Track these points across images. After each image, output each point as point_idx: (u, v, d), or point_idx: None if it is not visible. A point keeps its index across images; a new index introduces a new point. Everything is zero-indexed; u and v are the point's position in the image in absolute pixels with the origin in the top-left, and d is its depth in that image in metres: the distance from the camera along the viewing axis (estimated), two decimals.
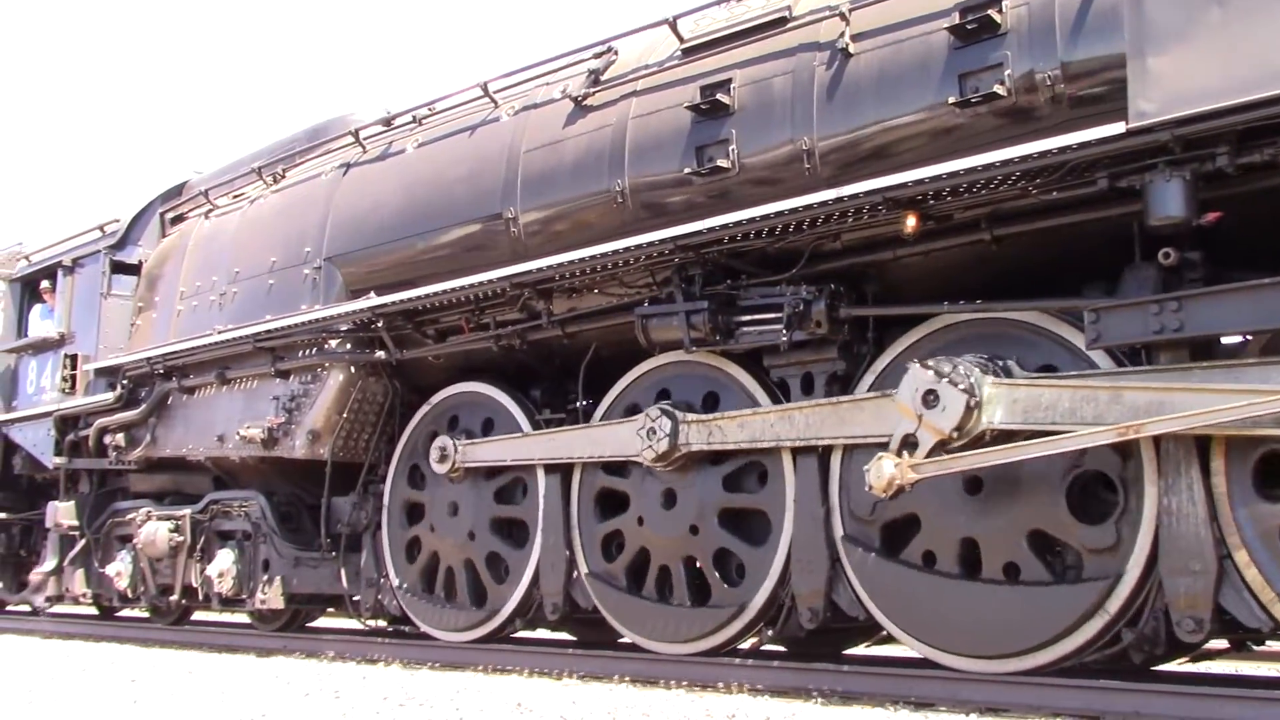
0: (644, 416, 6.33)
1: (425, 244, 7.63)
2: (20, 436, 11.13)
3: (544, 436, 7.06)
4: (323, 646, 8.48)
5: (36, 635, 11.09)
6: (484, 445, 7.37)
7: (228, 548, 8.89)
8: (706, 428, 6.14)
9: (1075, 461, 5.00)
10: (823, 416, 5.69)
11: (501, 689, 6.15)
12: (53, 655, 9.01)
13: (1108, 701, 4.78)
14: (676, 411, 6.22)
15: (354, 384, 8.11)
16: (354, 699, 5.92)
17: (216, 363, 8.97)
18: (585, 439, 6.79)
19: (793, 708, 5.25)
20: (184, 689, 6.57)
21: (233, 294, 9.13)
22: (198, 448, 9.16)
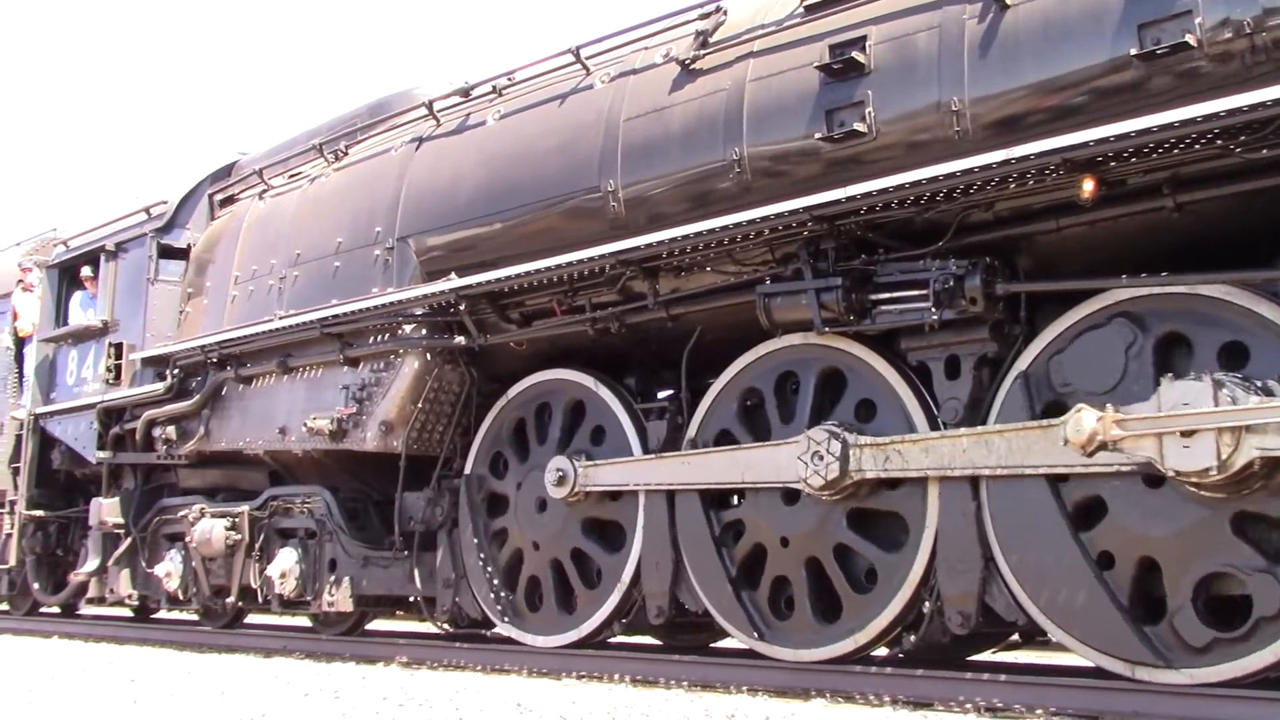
0: (806, 439, 5.76)
1: (511, 221, 7.22)
2: (59, 430, 10.73)
3: (680, 459, 6.48)
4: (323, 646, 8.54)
5: (36, 635, 11.13)
6: (610, 468, 6.83)
7: (289, 547, 8.48)
8: (883, 452, 5.60)
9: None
10: (1029, 442, 5.11)
11: (501, 689, 6.20)
12: (53, 655, 9.06)
13: (1108, 701, 4.82)
14: (846, 434, 5.68)
15: (430, 372, 7.70)
16: (354, 699, 5.95)
17: (278, 350, 8.56)
18: (732, 462, 6.21)
19: (792, 708, 5.28)
20: (184, 689, 6.60)
21: (294, 277, 8.72)
22: (256, 441, 8.76)
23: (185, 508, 9.36)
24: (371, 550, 8.09)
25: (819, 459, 5.70)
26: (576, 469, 6.90)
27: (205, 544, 8.87)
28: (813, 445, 5.72)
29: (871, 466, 5.63)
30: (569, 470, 6.93)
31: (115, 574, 10.01)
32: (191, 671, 7.50)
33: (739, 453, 6.22)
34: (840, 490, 5.71)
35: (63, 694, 6.56)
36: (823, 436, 5.71)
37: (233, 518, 8.86)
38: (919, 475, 5.49)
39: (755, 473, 6.11)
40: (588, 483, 6.88)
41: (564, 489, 6.94)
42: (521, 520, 7.29)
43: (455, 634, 7.93)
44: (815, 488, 5.74)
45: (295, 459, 8.78)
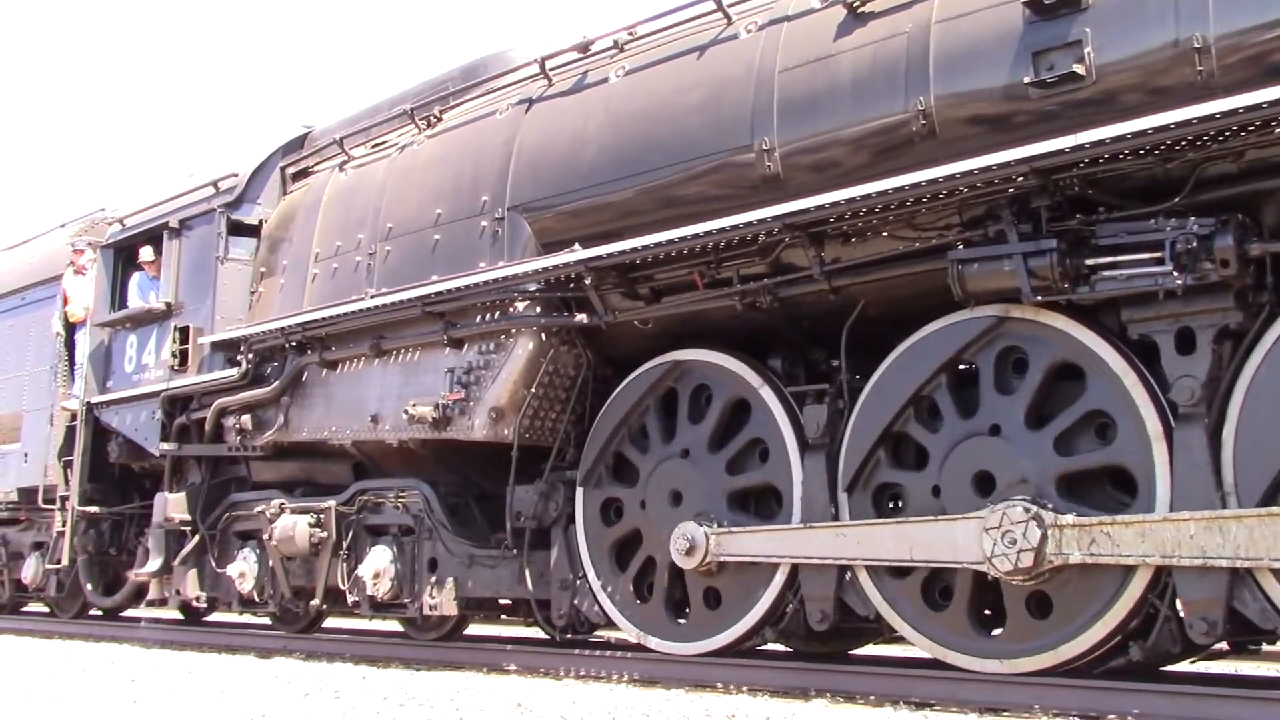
0: (994, 514, 5.19)
1: (644, 186, 6.66)
2: (117, 420, 10.20)
3: (834, 531, 5.87)
4: (323, 646, 8.67)
5: (36, 635, 11.17)
6: (748, 537, 6.23)
7: (382, 545, 7.93)
8: (1089, 534, 5.00)
9: None
10: None
11: (501, 689, 6.25)
12: (53, 655, 9.14)
13: (1108, 701, 4.82)
14: (1044, 512, 5.09)
15: (544, 353, 7.15)
16: (354, 699, 6.01)
17: (370, 331, 8.01)
18: (898, 537, 5.62)
19: (793, 708, 5.31)
20: (184, 689, 6.68)
21: (385, 253, 8.17)
22: (343, 430, 8.21)
23: (261, 503, 8.81)
24: (477, 549, 7.53)
25: (1010, 540, 5.13)
26: (710, 536, 6.30)
27: (287, 542, 8.33)
28: (1004, 524, 5.15)
29: (1077, 550, 5.04)
30: (698, 538, 6.33)
31: (181, 574, 9.47)
32: (191, 671, 7.56)
33: (907, 527, 5.61)
34: (1035, 576, 5.19)
35: (63, 694, 6.62)
36: (1020, 515, 5.12)
37: (317, 514, 8.31)
38: (1133, 563, 4.92)
39: (927, 550, 5.50)
40: (722, 551, 6.28)
41: (694, 558, 6.34)
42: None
43: (572, 640, 7.36)
44: (1002, 571, 5.20)
45: (384, 450, 8.25)
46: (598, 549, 7.03)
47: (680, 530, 6.40)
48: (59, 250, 11.84)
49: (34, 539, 11.96)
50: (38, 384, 11.54)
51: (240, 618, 10.09)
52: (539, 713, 5.36)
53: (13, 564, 12.11)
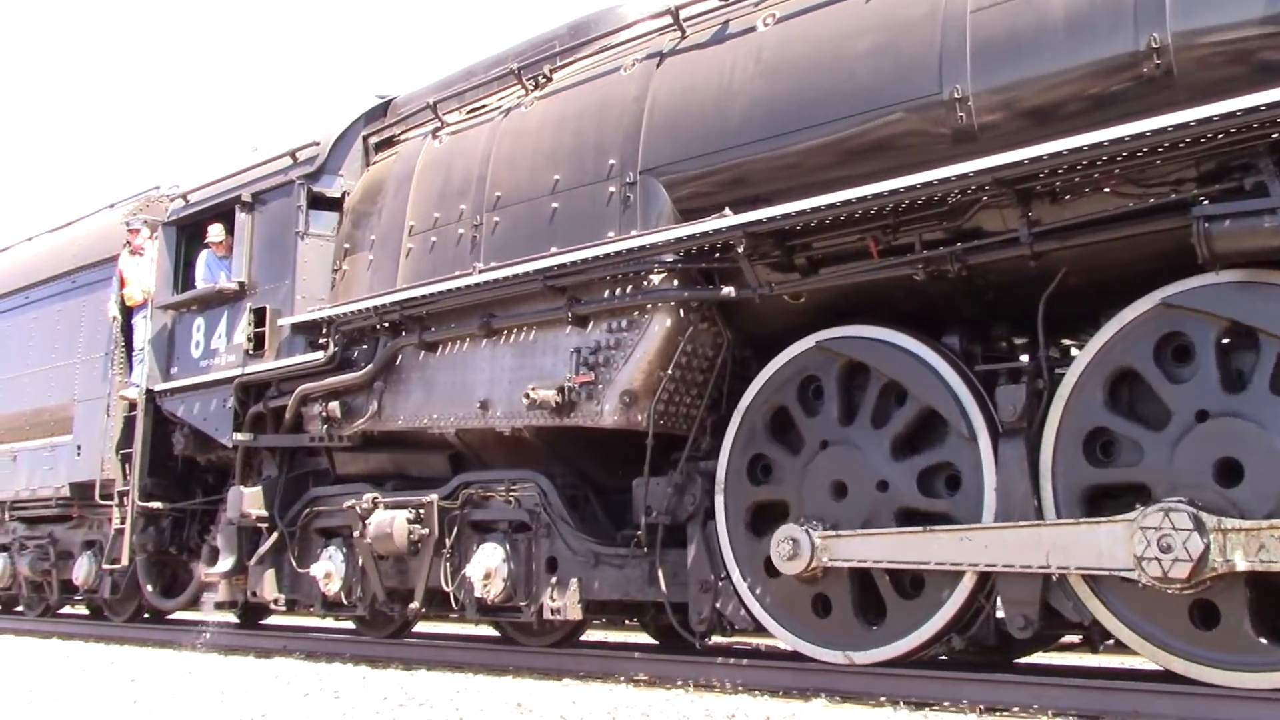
0: (1148, 513, 4.76)
1: (804, 143, 6.10)
2: (183, 409, 9.65)
3: (957, 535, 5.44)
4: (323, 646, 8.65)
5: (36, 635, 11.17)
6: (857, 540, 5.79)
7: (492, 543, 7.36)
8: (1256, 539, 4.56)
9: None
10: None
11: (501, 689, 6.30)
12: (53, 655, 9.18)
13: (1107, 701, 4.91)
14: (1205, 515, 4.64)
15: (683, 331, 6.58)
16: (354, 699, 6.07)
17: (478, 309, 7.45)
18: (1034, 541, 5.18)
19: (793, 708, 5.36)
20: (184, 689, 6.73)
21: (493, 224, 7.60)
22: (445, 417, 7.64)
23: (349, 497, 8.25)
24: (602, 547, 6.96)
25: (1165, 547, 4.69)
26: (814, 538, 5.87)
27: (383, 539, 7.76)
28: (1160, 527, 4.72)
29: (1243, 556, 4.59)
30: (802, 541, 5.89)
31: (257, 574, 8.92)
32: (191, 671, 7.63)
33: (1044, 530, 5.14)
34: (1194, 585, 4.72)
35: (63, 694, 6.68)
36: (1185, 522, 4.65)
37: (417, 509, 7.75)
38: None
39: (1066, 556, 5.08)
40: (833, 556, 5.82)
41: (797, 563, 5.92)
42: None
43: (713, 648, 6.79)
44: (1153, 576, 4.74)
45: (489, 440, 7.70)
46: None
47: (780, 533, 6.01)
48: (111, 230, 11.29)
49: (84, 537, 11.42)
50: (90, 372, 11.00)
51: (323, 621, 9.53)
52: (539, 713, 5.42)
53: (61, 564, 11.56)
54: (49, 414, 11.53)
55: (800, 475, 6.20)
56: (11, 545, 12.22)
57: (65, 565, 11.54)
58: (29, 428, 11.82)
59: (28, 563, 11.72)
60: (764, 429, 6.45)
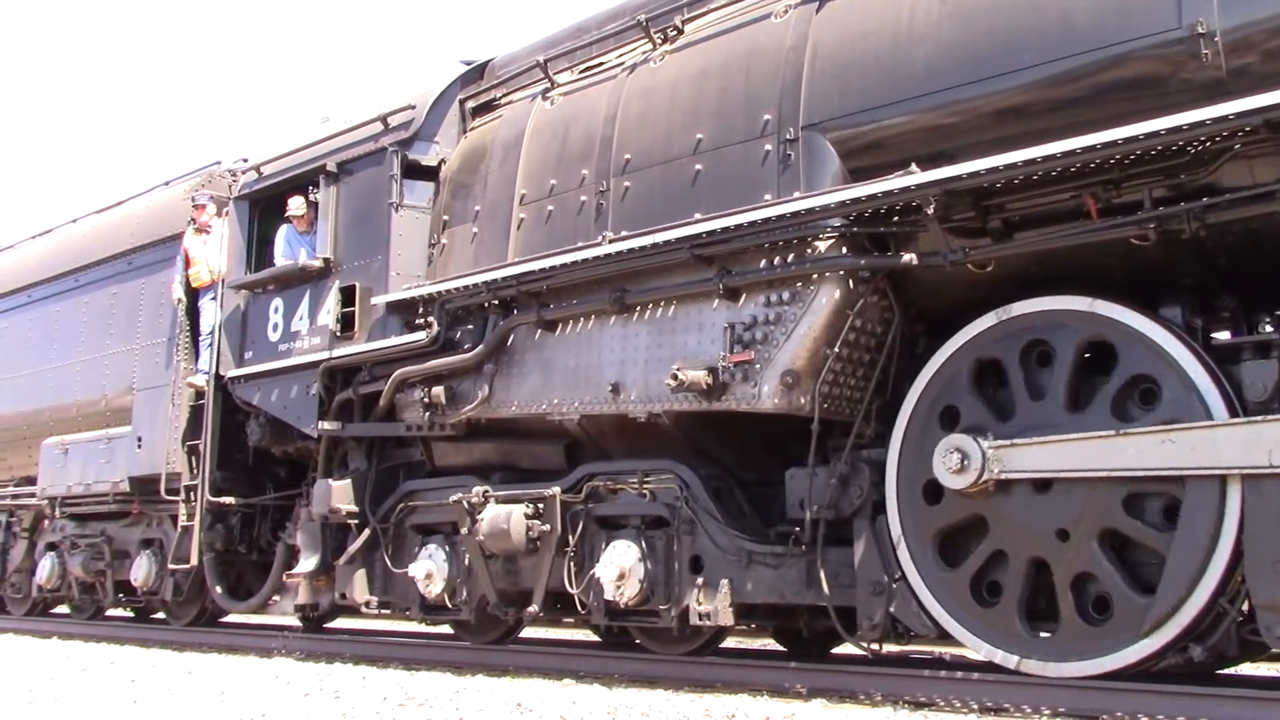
0: None
1: (1008, 91, 5.53)
2: (259, 397, 9.09)
3: (1156, 436, 4.96)
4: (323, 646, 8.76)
5: (36, 635, 11.27)
6: (1034, 450, 5.34)
7: (624, 540, 6.78)
8: None
9: None
10: None
11: (501, 689, 6.36)
12: (53, 655, 9.26)
13: (1107, 702, 4.99)
14: None
15: (851, 304, 6.01)
16: (354, 699, 6.16)
17: (607, 283, 6.89)
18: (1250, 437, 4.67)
19: (793, 708, 5.41)
20: (184, 689, 6.83)
21: (621, 190, 7.04)
22: (568, 402, 7.08)
23: (453, 490, 7.68)
24: (756, 544, 6.38)
25: None
26: (984, 449, 5.44)
27: (498, 537, 7.20)
28: None
29: None
30: (972, 451, 5.46)
31: (346, 575, 8.36)
32: (192, 671, 7.71)
33: None
34: None
35: (63, 694, 6.77)
36: None
37: (536, 503, 7.18)
38: None
39: None
40: (1006, 468, 5.40)
41: (965, 477, 5.51)
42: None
43: (884, 656, 6.21)
44: None
45: (613, 427, 7.13)
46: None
47: (946, 443, 5.57)
48: (172, 208, 10.75)
49: (142, 535, 10.88)
50: (152, 358, 10.45)
51: (422, 627, 8.98)
52: (539, 713, 5.51)
53: (117, 564, 11.00)
54: (104, 404, 11.00)
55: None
56: (61, 544, 11.67)
57: (121, 565, 10.99)
58: (81, 419, 11.29)
59: (80, 563, 11.16)
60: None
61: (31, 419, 12.09)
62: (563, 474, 7.44)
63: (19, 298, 12.87)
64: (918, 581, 5.84)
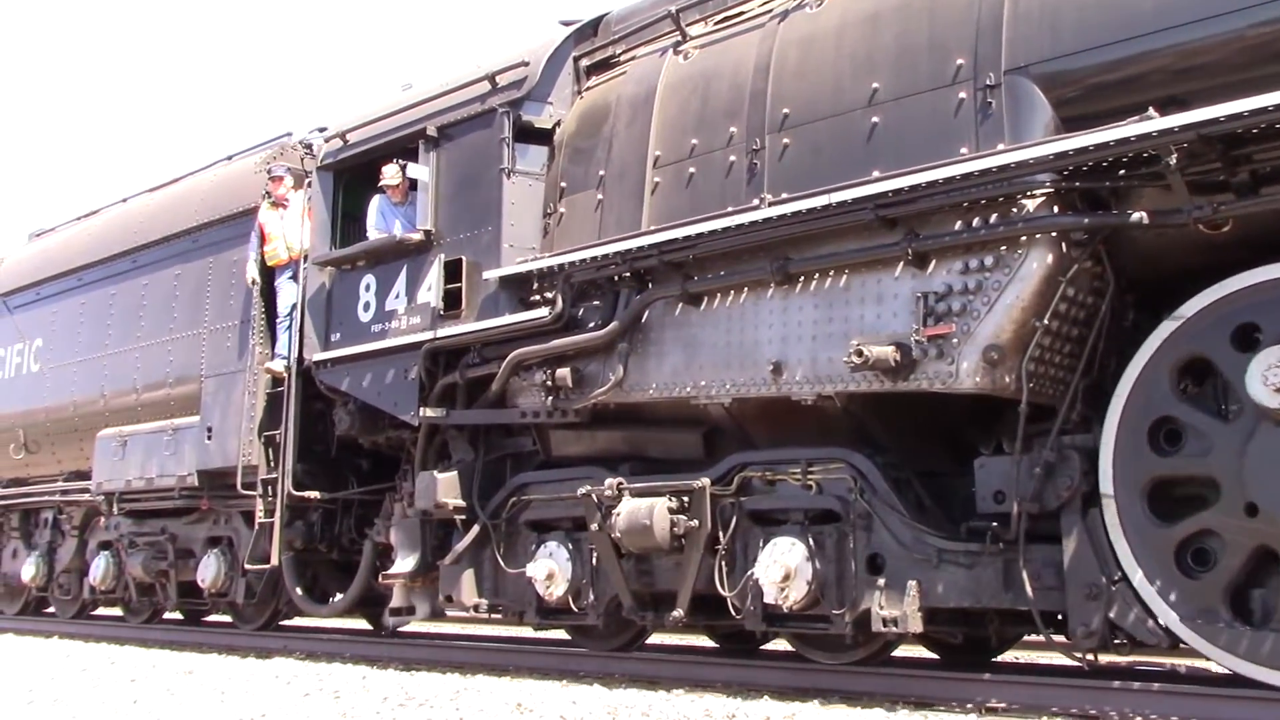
0: None
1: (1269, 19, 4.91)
2: (348, 382, 8.51)
3: None
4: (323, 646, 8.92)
5: (36, 635, 11.38)
6: None
7: (787, 536, 6.18)
8: None
9: None
10: None
11: (501, 689, 6.46)
12: (53, 655, 9.38)
13: (1106, 701, 5.08)
14: None
15: (1064, 271, 5.42)
16: (354, 699, 6.23)
17: (765, 251, 6.30)
18: None
19: (793, 708, 5.45)
20: (184, 689, 6.93)
21: (779, 148, 6.46)
22: (717, 384, 6.49)
23: (578, 483, 7.09)
24: (947, 542, 5.78)
25: None
26: None
27: (637, 533, 6.61)
28: None
29: None
30: None
31: (451, 576, 7.77)
32: (192, 671, 7.81)
33: None
34: None
35: (63, 694, 6.86)
36: None
37: (680, 495, 6.58)
38: None
39: None
40: None
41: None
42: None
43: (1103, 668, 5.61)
44: None
45: (765, 412, 6.55)
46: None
47: (1266, 355, 4.86)
48: (241, 182, 10.20)
49: (208, 533, 10.31)
50: (221, 343, 9.89)
51: (536, 633, 8.43)
52: (539, 713, 5.58)
53: (180, 564, 10.44)
54: (167, 392, 10.45)
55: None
56: (117, 543, 11.11)
57: (184, 565, 10.43)
58: (140, 409, 10.73)
59: (140, 562, 10.58)
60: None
61: (84, 409, 11.54)
62: (699, 464, 6.87)
63: (67, 281, 12.32)
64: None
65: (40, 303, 12.71)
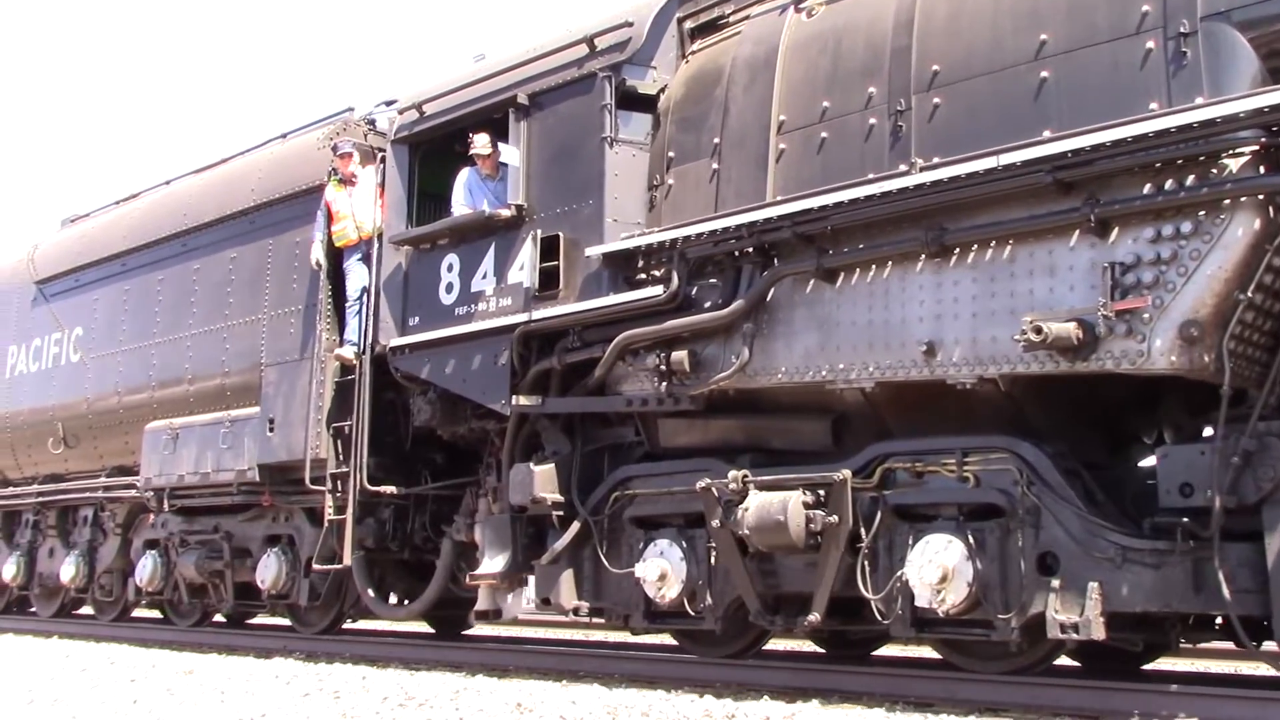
0: None
1: None
2: (429, 369, 8.05)
3: None
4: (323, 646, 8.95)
5: (37, 635, 11.38)
6: None
7: (942, 534, 5.70)
8: None
9: None
10: None
11: (501, 689, 6.49)
12: (53, 655, 9.39)
13: (1106, 701, 5.18)
14: None
15: (1270, 239, 4.95)
16: (354, 699, 6.28)
17: (915, 220, 5.83)
18: None
19: (793, 708, 5.52)
20: (184, 689, 6.96)
21: (929, 108, 5.99)
22: (859, 367, 6.02)
23: (693, 475, 6.62)
24: (1131, 540, 5.29)
25: None
26: None
27: (769, 530, 6.13)
28: None
29: None
30: None
31: (549, 577, 7.31)
32: (192, 671, 7.84)
33: None
34: None
35: (63, 694, 6.91)
36: None
37: (816, 489, 6.11)
38: None
39: None
40: None
41: None
42: None
43: None
44: None
45: (907, 398, 6.08)
46: None
47: None
48: (302, 159, 9.75)
49: (267, 531, 9.85)
50: (283, 329, 9.42)
51: (635, 638, 8.02)
52: (539, 713, 5.64)
53: (237, 563, 9.97)
54: (222, 382, 9.98)
55: None
56: (166, 542, 10.65)
57: (240, 565, 9.97)
58: (193, 400, 10.28)
59: (193, 562, 10.11)
60: None
61: (129, 401, 11.10)
62: (826, 456, 6.40)
63: (109, 267, 11.86)
64: None
65: (80, 290, 12.26)
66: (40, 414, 12.32)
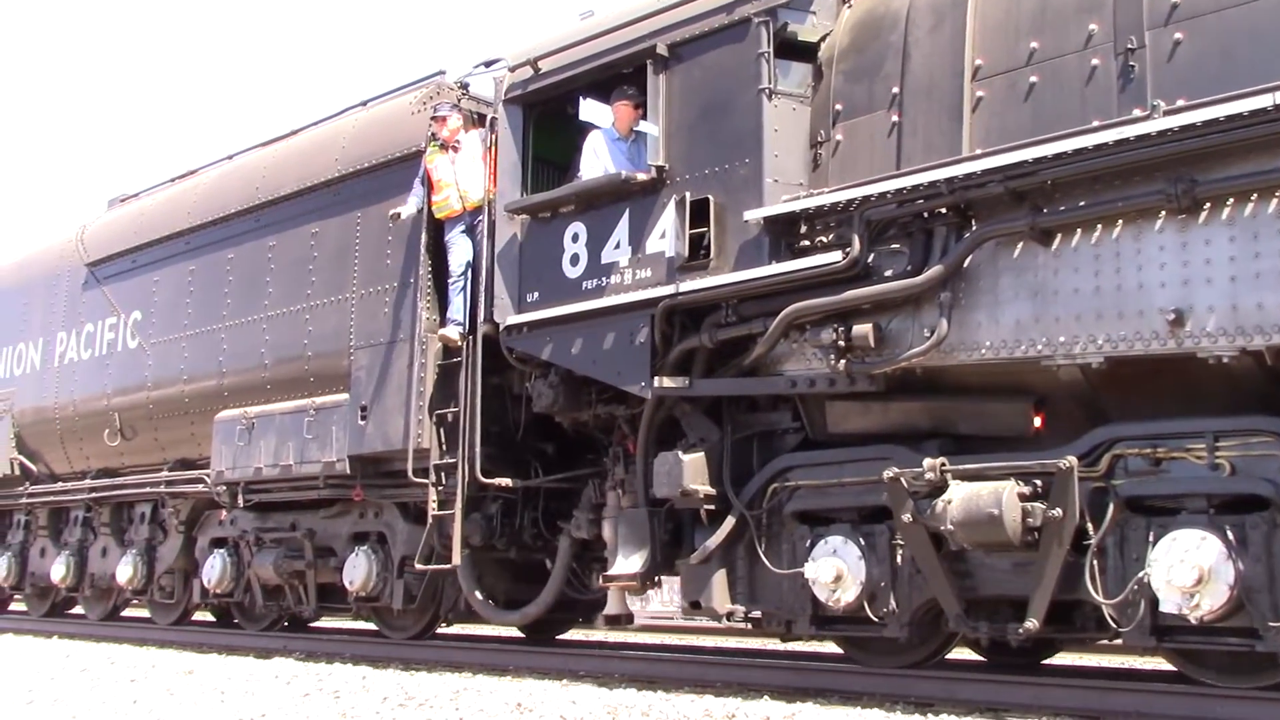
0: None
1: None
2: (552, 349, 7.42)
3: None
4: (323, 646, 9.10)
5: (37, 635, 11.49)
6: None
7: (1189, 529, 5.05)
8: None
9: None
10: None
11: (501, 689, 6.61)
12: (53, 655, 9.47)
13: (1106, 701, 5.26)
14: None
15: None
16: (354, 699, 6.39)
17: (1155, 171, 5.17)
18: None
19: (793, 708, 5.58)
20: (184, 689, 7.03)
21: (1170, 44, 5.37)
22: (1084, 340, 5.38)
23: (874, 464, 5.99)
24: None
25: None
26: None
27: (978, 525, 5.50)
28: None
29: None
30: None
31: (699, 578, 6.68)
32: (192, 671, 7.90)
33: None
34: None
35: (63, 694, 6.99)
36: None
37: (1033, 479, 5.46)
38: None
39: None
40: None
41: None
42: None
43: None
44: None
45: (1128, 377, 5.44)
46: None
47: None
48: (394, 126, 9.14)
49: (353, 528, 9.24)
50: (376, 309, 8.79)
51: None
52: (539, 713, 5.70)
53: (320, 562, 9.36)
54: (305, 366, 9.35)
55: None
56: (238, 540, 10.05)
57: (324, 565, 9.35)
58: (270, 387, 9.65)
59: (271, 562, 9.50)
60: None
61: (195, 389, 10.48)
62: (1023, 442, 5.77)
63: (171, 246, 11.23)
64: None
65: (137, 271, 11.64)
66: (94, 404, 11.71)
